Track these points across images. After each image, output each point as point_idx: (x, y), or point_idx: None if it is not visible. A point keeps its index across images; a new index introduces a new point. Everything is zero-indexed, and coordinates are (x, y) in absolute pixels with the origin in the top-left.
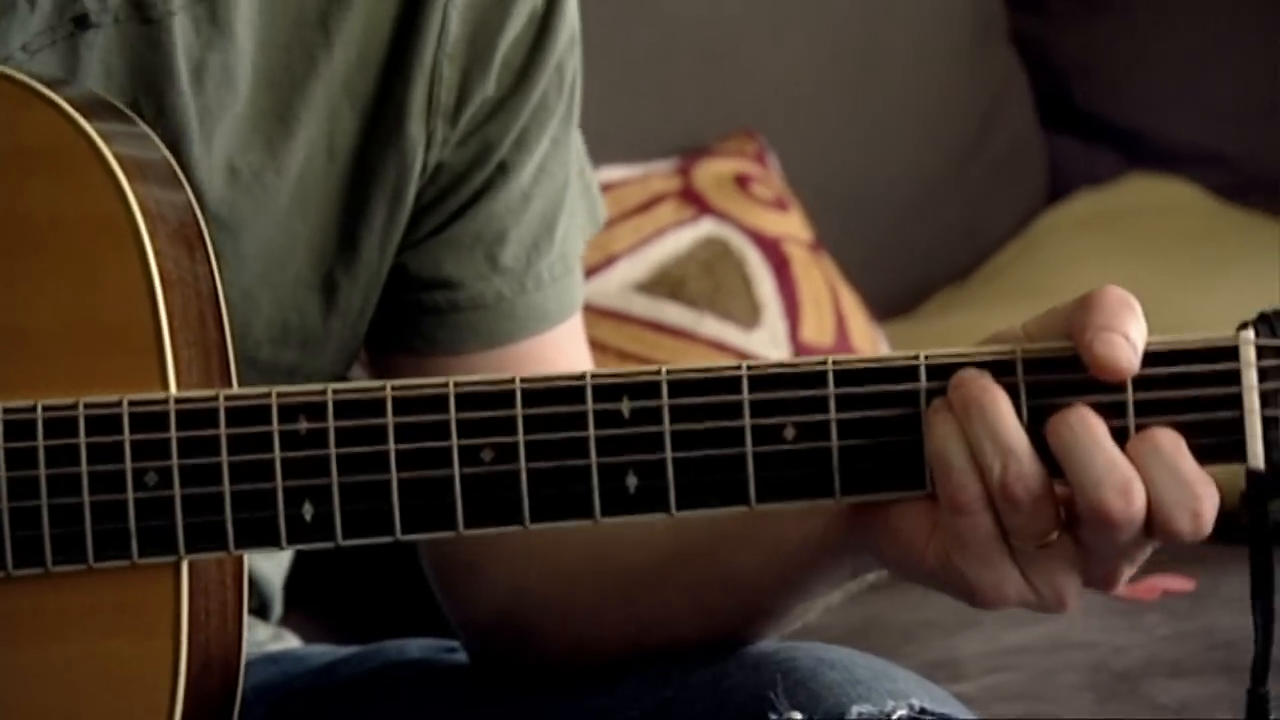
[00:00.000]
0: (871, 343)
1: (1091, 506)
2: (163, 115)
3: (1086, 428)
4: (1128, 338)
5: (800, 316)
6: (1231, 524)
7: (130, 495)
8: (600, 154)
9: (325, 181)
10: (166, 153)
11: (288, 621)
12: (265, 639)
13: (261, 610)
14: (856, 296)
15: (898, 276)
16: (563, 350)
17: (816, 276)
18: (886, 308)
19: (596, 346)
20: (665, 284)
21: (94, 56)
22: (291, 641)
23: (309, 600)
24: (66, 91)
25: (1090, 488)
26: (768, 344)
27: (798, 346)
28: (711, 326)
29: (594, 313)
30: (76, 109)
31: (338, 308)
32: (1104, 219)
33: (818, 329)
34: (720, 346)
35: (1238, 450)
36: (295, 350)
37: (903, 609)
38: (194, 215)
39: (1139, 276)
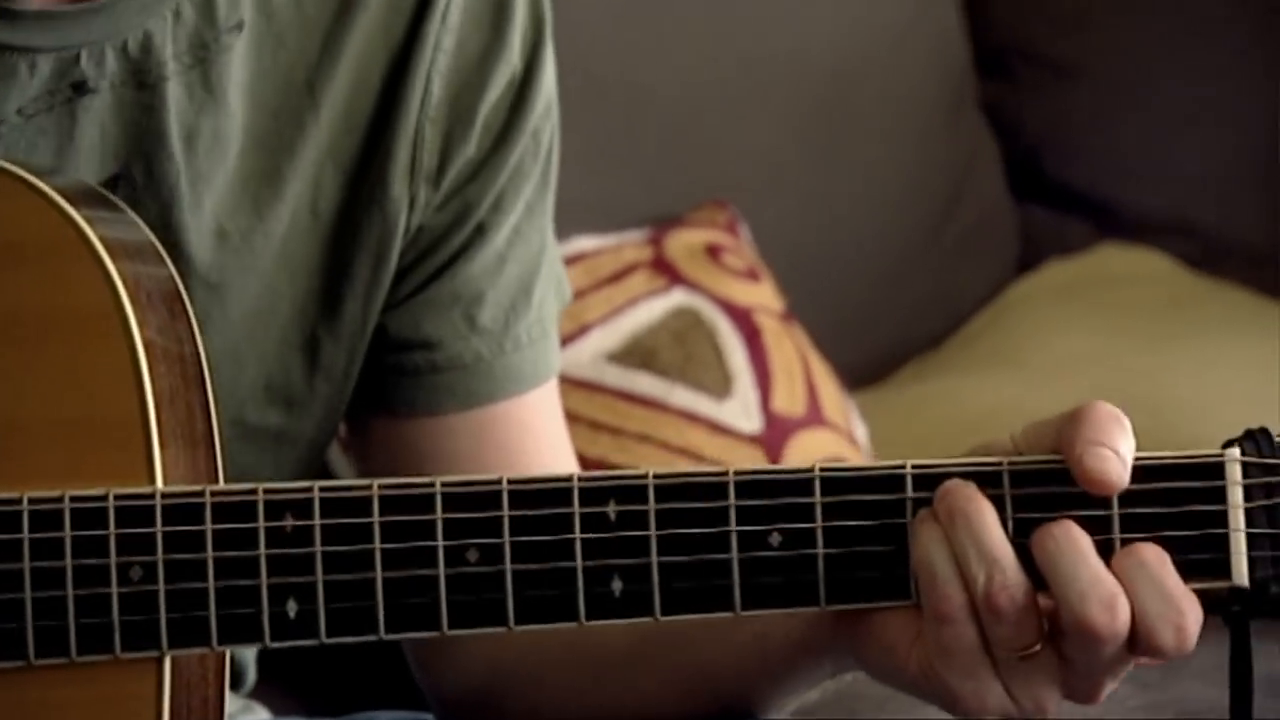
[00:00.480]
0: (843, 413)
1: (1076, 620)
2: (153, 179)
3: (1071, 541)
4: (1117, 452)
5: (772, 387)
6: (1203, 597)
7: (114, 590)
8: (572, 224)
9: (309, 241)
10: (151, 236)
11: (256, 692)
12: (235, 711)
13: (234, 680)
14: (828, 366)
15: (870, 346)
16: (539, 414)
17: (788, 346)
18: (859, 377)
19: (568, 417)
20: (637, 354)
21: (90, 120)
22: (260, 714)
23: (279, 670)
24: (56, 182)
25: (1075, 601)
26: (739, 414)
27: (769, 416)
28: (683, 397)
29: (566, 383)
30: (65, 198)
31: (321, 366)
32: (1075, 288)
33: (789, 399)
34: (692, 417)
35: (1222, 568)
36: (281, 411)
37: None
38: (181, 297)
39: (1110, 345)
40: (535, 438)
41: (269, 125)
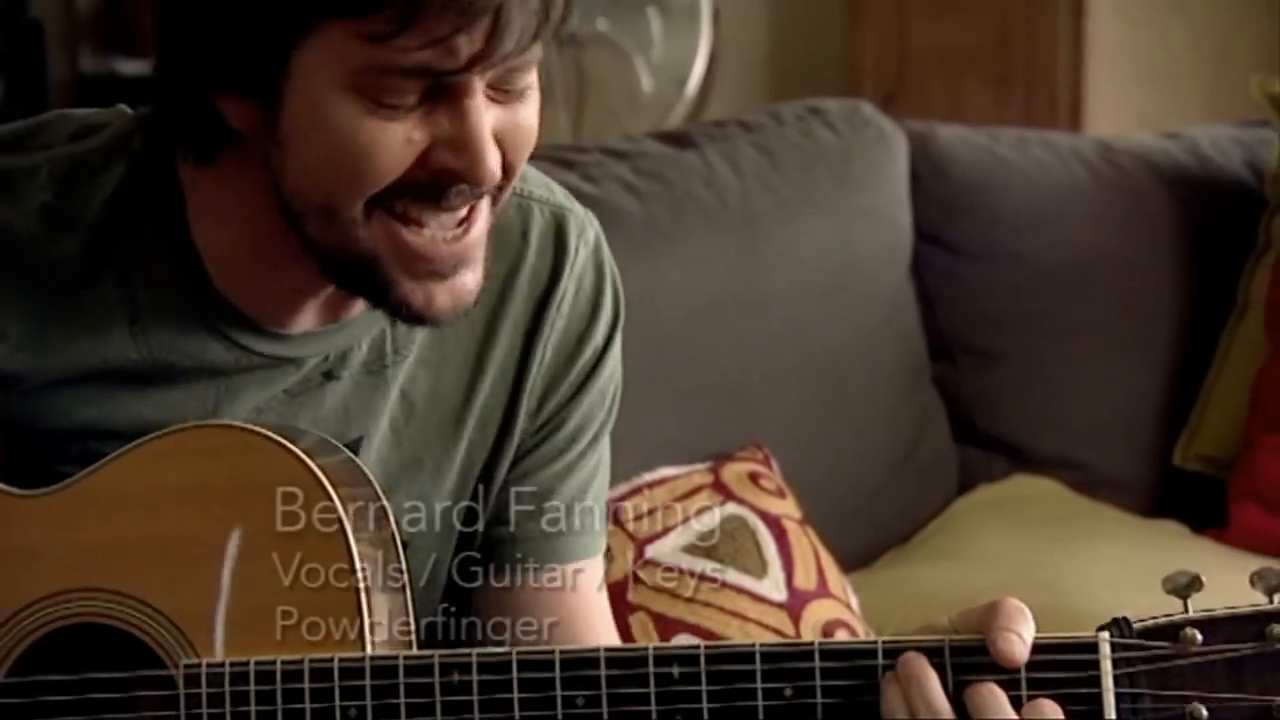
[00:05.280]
0: (842, 588)
1: None
2: (379, 434)
3: (994, 694)
4: (1020, 636)
5: (794, 570)
6: None
7: None
8: (658, 458)
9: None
10: (367, 471)
11: None
12: None
13: None
14: (831, 556)
15: (859, 542)
16: (586, 579)
17: (805, 542)
18: (851, 563)
19: (658, 590)
20: (703, 547)
21: (335, 397)
22: None
23: None
24: (301, 442)
25: None
26: (772, 589)
27: (792, 590)
28: (734, 576)
29: (655, 566)
30: (306, 453)
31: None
32: (998, 505)
33: (805, 579)
34: (740, 590)
35: (1097, 717)
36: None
37: None
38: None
39: (1021, 545)
40: (580, 594)
41: (451, 387)
